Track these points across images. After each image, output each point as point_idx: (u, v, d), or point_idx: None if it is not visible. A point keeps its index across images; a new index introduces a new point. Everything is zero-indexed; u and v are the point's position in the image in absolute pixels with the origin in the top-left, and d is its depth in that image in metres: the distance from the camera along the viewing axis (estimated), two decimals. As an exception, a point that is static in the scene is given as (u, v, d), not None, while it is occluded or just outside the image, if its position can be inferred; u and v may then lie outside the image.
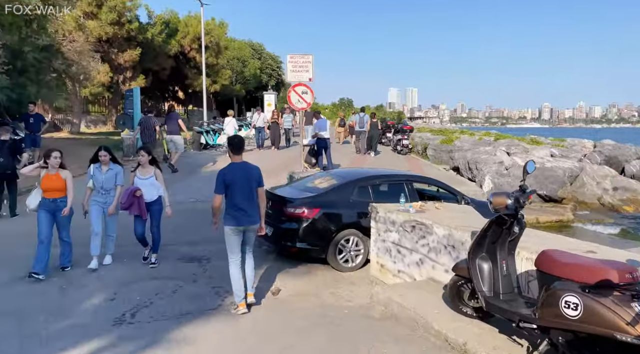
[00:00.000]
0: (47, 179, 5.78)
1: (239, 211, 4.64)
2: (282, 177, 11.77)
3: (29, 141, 11.24)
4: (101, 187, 6.07)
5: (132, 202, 5.90)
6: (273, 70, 40.30)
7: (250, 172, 4.78)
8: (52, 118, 23.72)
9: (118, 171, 6.19)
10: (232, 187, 4.62)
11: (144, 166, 6.11)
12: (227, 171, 4.72)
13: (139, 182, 6.07)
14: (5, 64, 10.18)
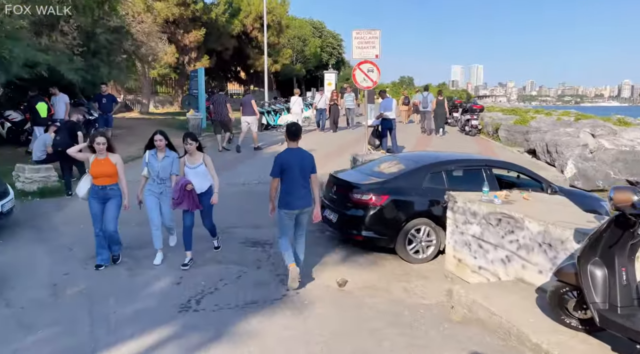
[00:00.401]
0: (96, 164, 5.31)
1: (292, 196, 4.87)
2: (345, 160, 11.39)
3: (101, 121, 11.66)
4: (157, 176, 5.53)
5: (184, 197, 5.31)
6: (334, 48, 39.56)
7: (304, 159, 4.95)
8: (124, 99, 24.79)
9: (174, 158, 5.56)
10: (286, 172, 4.84)
11: (192, 153, 5.43)
12: (283, 156, 4.91)
13: (188, 172, 5.44)
14: (79, 45, 10.51)
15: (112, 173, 5.35)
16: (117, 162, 5.39)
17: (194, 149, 5.39)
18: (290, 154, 4.90)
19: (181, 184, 5.27)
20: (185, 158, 5.46)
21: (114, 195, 5.40)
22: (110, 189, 5.37)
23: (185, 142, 5.34)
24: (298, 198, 4.88)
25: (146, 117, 20.03)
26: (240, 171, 10.81)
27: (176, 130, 16.21)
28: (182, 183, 5.28)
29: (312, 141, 15.01)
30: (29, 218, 7.34)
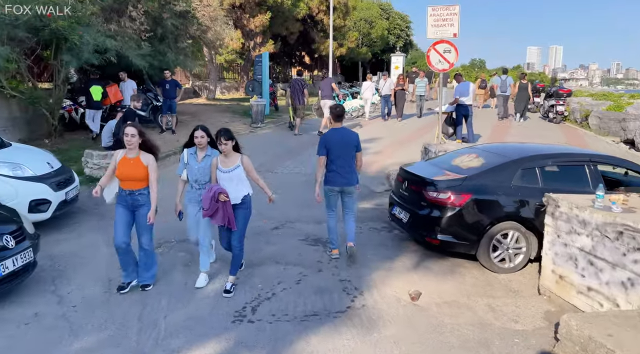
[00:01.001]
0: (123, 163, 4.30)
1: (335, 173, 5.15)
2: (412, 151, 10.57)
3: (165, 107, 11.67)
4: (195, 181, 4.62)
5: (216, 209, 4.32)
6: (402, 30, 37.93)
7: (348, 138, 5.20)
8: (192, 85, 25.31)
9: None
10: (331, 151, 5.10)
11: (227, 154, 4.39)
12: (328, 135, 5.20)
13: (221, 177, 4.40)
14: (146, 31, 10.48)
15: (143, 176, 4.33)
16: (150, 164, 4.35)
17: (230, 150, 4.37)
18: (335, 134, 5.18)
19: (214, 192, 4.25)
20: (218, 159, 4.45)
21: (147, 201, 4.40)
22: (140, 194, 4.36)
23: (219, 140, 4.30)
24: (341, 176, 5.15)
25: (212, 103, 20.21)
26: (305, 159, 10.36)
27: (240, 116, 16.16)
28: (215, 191, 4.25)
29: (374, 129, 14.23)
30: (95, 205, 7.34)
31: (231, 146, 4.36)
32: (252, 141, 12.22)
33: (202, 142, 4.55)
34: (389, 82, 15.93)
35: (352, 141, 5.20)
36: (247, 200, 4.56)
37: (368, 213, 7.22)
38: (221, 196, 4.26)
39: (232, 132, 4.40)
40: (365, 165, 9.98)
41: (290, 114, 14.07)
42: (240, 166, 4.44)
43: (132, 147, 4.26)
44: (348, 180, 5.18)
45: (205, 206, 4.32)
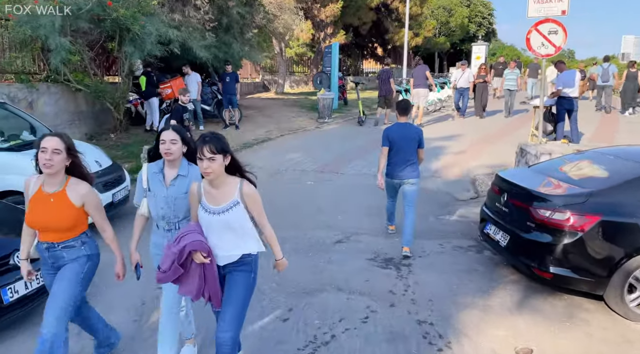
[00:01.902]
0: (35, 202, 2.66)
1: (396, 166, 5.19)
2: (503, 152, 9.10)
3: (225, 102, 11.14)
4: (162, 218, 2.84)
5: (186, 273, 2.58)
6: (483, 18, 35.11)
7: (410, 133, 5.18)
8: (262, 79, 25.08)
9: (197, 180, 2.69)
10: (393, 144, 5.16)
11: (215, 180, 2.52)
12: (391, 129, 5.26)
13: (206, 221, 2.59)
14: (211, 20, 9.97)
15: (66, 223, 2.66)
16: (87, 200, 2.69)
17: (219, 171, 2.47)
18: (398, 128, 5.21)
19: (183, 247, 2.48)
20: (201, 186, 2.60)
21: (73, 257, 2.74)
22: (64, 248, 2.72)
23: (199, 154, 2.41)
24: (401, 169, 5.16)
25: (279, 97, 19.70)
26: (376, 158, 9.25)
27: (307, 110, 15.41)
28: (185, 245, 2.48)
29: (450, 127, 12.70)
30: (147, 205, 6.88)
31: (222, 165, 2.47)
32: (317, 137, 11.38)
33: (172, 152, 2.74)
34: (467, 73, 13.75)
35: (414, 136, 5.17)
36: (249, 260, 2.70)
37: (451, 226, 6.04)
38: (197, 255, 2.49)
39: (224, 141, 2.53)
40: (444, 167, 8.73)
41: (360, 109, 13.04)
42: (239, 203, 2.54)
43: (53, 172, 2.57)
44: (409, 174, 5.17)
45: (163, 266, 2.51)
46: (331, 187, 7.77)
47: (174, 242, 2.54)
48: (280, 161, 9.12)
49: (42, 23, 7.34)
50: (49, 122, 8.74)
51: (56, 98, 8.83)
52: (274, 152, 9.73)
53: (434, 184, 7.83)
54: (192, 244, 2.48)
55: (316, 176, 8.38)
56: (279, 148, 10.09)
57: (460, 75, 13.75)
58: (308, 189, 7.69)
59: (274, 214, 6.48)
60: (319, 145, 10.43)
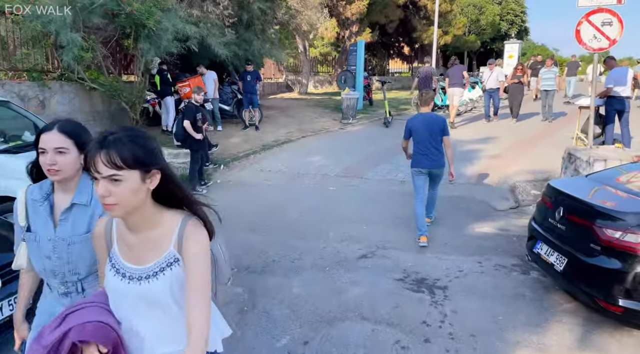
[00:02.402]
0: None
1: (421, 155, 5.22)
2: (546, 155, 8.31)
3: (246, 102, 10.66)
4: (53, 274, 1.73)
5: None
6: (516, 15, 33.71)
7: (433, 122, 5.21)
8: (285, 79, 24.63)
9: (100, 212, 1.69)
10: (415, 134, 5.24)
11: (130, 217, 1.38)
12: (413, 119, 5.37)
13: (114, 286, 1.44)
14: (230, 16, 9.50)
15: None
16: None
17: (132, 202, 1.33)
18: (420, 118, 5.29)
19: (62, 335, 1.35)
20: (113, 227, 1.50)
21: None
22: None
23: (94, 168, 1.30)
24: (427, 159, 5.21)
25: (303, 97, 19.18)
26: (403, 162, 8.61)
27: (330, 111, 14.82)
28: (65, 332, 1.35)
29: (482, 129, 11.86)
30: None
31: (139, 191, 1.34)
32: (341, 138, 10.79)
33: (59, 168, 1.68)
34: (497, 73, 12.29)
35: (437, 125, 5.20)
36: None
37: (489, 241, 5.35)
38: (89, 350, 1.34)
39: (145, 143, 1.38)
40: (479, 173, 8.00)
41: (387, 109, 12.37)
42: (177, 261, 1.42)
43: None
44: (435, 163, 5.23)
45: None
46: (355, 194, 7.17)
47: (52, 325, 1.40)
48: (300, 164, 8.57)
49: (53, 18, 6.99)
50: (62, 122, 8.46)
51: (70, 97, 8.52)
52: (295, 155, 9.19)
53: (469, 192, 7.12)
54: (82, 330, 1.35)
55: (339, 180, 7.79)
56: (300, 150, 9.54)
57: (489, 74, 12.45)
58: (330, 195, 7.12)
59: (293, 222, 5.94)
60: (342, 147, 9.84)
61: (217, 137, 10.14)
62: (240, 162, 8.72)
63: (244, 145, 9.74)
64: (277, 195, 7.13)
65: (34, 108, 7.71)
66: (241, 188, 7.54)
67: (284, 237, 5.46)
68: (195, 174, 7.17)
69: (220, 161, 8.58)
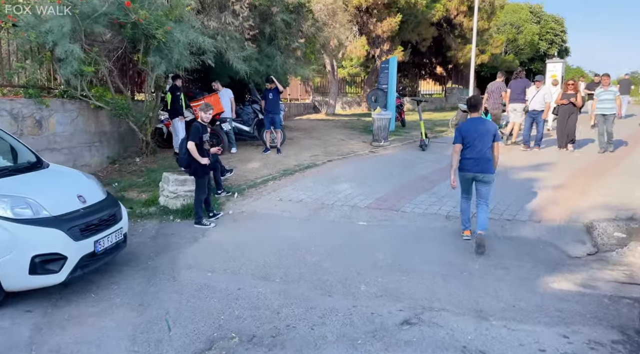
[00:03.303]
0: None
1: (469, 160, 5.23)
2: (625, 190, 6.93)
3: (267, 122, 9.64)
4: None
5: None
6: (556, 35, 32.11)
7: (485, 127, 5.20)
8: (312, 100, 23.83)
9: None
10: (466, 140, 5.22)
11: None
12: (464, 124, 5.33)
13: None
14: (251, 28, 8.63)
15: None
16: None
17: None
18: (471, 123, 5.26)
19: None
20: None
21: None
22: None
23: None
24: (475, 163, 5.18)
25: (330, 118, 18.21)
26: (446, 191, 7.34)
27: (359, 133, 13.71)
28: None
29: (534, 154, 10.40)
30: (152, 251, 5.36)
31: None
32: (372, 163, 9.61)
33: None
34: (545, 91, 10.37)
35: (488, 130, 5.19)
36: None
37: (572, 303, 4.04)
38: None
39: None
40: (542, 207, 6.63)
41: (422, 131, 11.17)
42: None
43: None
44: (482, 168, 5.19)
45: None
46: (390, 231, 5.95)
47: None
48: (325, 193, 7.43)
49: (50, 27, 6.21)
50: (63, 144, 7.62)
51: (72, 117, 7.71)
52: (319, 181, 8.07)
53: (532, 231, 5.79)
54: None
55: (370, 213, 6.59)
56: (326, 176, 8.42)
57: (534, 93, 10.47)
58: (360, 232, 5.93)
59: (314, 267, 4.69)
60: (374, 173, 8.66)
61: (234, 161, 9.16)
62: (257, 190, 7.65)
63: (262, 170, 8.69)
64: (297, 230, 6.00)
65: (29, 129, 6.91)
66: (256, 221, 6.44)
67: (303, 289, 4.31)
68: (200, 205, 6.13)
69: (234, 188, 7.54)
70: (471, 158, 5.21)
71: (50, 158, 7.31)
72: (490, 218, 6.21)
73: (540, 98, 10.39)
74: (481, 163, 5.17)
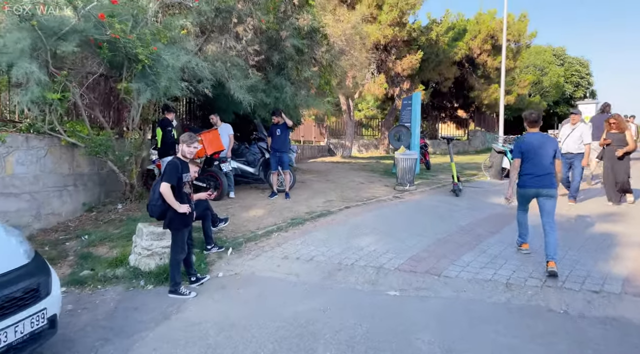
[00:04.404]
0: None
1: (530, 176, 5.11)
2: None
3: (273, 163, 8.22)
4: None
5: None
6: (581, 78, 30.91)
7: (546, 142, 5.11)
8: (327, 143, 22.68)
9: None
10: (526, 154, 5.14)
11: None
12: (525, 139, 5.21)
13: None
14: (256, 53, 7.43)
15: None
16: None
17: None
18: (530, 137, 5.18)
19: None
20: None
21: None
22: None
23: None
24: (535, 178, 5.07)
25: (346, 161, 16.85)
26: (497, 248, 5.70)
27: (379, 175, 12.23)
28: None
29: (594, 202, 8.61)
30: (100, 337, 3.80)
31: None
32: (399, 211, 8.03)
33: None
34: (580, 130, 8.09)
35: (549, 145, 5.09)
36: None
37: None
38: None
39: None
40: (635, 273, 5.01)
41: (454, 174, 9.65)
42: None
43: None
44: (544, 183, 5.03)
45: None
46: (433, 307, 4.32)
47: None
48: (343, 249, 5.86)
49: (4, 44, 5.03)
50: (23, 188, 6.24)
51: (39, 155, 6.42)
52: (335, 233, 6.52)
53: (632, 310, 4.10)
54: None
55: (403, 278, 4.98)
56: (343, 227, 6.87)
57: (568, 132, 8.24)
58: (391, 308, 4.31)
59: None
60: (402, 224, 7.08)
61: (234, 207, 7.71)
62: (257, 244, 6.13)
63: (266, 218, 7.20)
64: (305, 304, 4.42)
65: (-24, 167, 5.61)
66: (252, 288, 4.88)
67: None
68: (178, 268, 4.62)
69: (228, 243, 6.04)
70: (531, 173, 5.10)
71: (2, 205, 5.97)
72: (569, 288, 4.55)
73: (576, 138, 8.13)
74: (543, 178, 5.03)
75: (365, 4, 15.32)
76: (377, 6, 15.74)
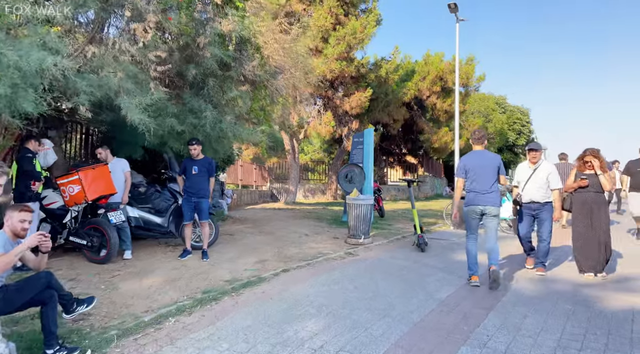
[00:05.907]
0: None
1: (475, 193, 5.14)
2: None
3: (187, 211, 6.06)
4: None
5: None
6: (523, 125, 31.54)
7: (488, 159, 5.19)
8: (270, 188, 20.71)
9: None
10: (469, 173, 5.20)
11: None
12: (467, 157, 5.35)
13: None
14: (162, 61, 5.44)
15: None
16: None
17: None
18: (474, 156, 5.29)
19: None
20: None
21: None
22: None
23: None
24: (480, 197, 5.09)
25: (289, 207, 14.85)
26: (500, 342, 3.80)
27: (327, 225, 10.31)
28: None
29: None
30: None
31: None
32: (355, 276, 5.95)
33: None
34: (546, 171, 5.90)
35: (492, 162, 5.16)
36: None
37: None
38: None
39: None
40: None
41: (416, 223, 7.93)
42: None
43: None
44: (488, 200, 5.07)
45: None
46: None
47: None
48: (272, 347, 3.71)
49: None
50: None
51: None
52: (263, 318, 4.37)
53: None
54: None
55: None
56: (277, 305, 4.75)
57: (529, 174, 6.02)
58: None
59: None
60: (361, 297, 5.05)
61: (120, 275, 5.40)
62: (137, 341, 3.84)
63: (165, 292, 4.96)
64: None
65: None
66: None
67: None
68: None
69: (87, 342, 3.72)
70: (476, 191, 5.11)
71: None
72: None
73: (540, 181, 5.91)
74: (487, 195, 5.05)
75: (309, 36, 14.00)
76: (322, 39, 14.47)
